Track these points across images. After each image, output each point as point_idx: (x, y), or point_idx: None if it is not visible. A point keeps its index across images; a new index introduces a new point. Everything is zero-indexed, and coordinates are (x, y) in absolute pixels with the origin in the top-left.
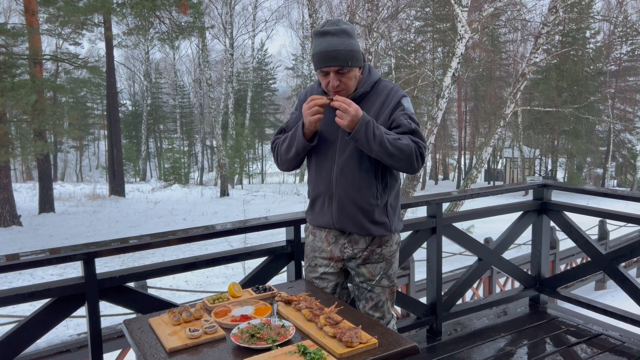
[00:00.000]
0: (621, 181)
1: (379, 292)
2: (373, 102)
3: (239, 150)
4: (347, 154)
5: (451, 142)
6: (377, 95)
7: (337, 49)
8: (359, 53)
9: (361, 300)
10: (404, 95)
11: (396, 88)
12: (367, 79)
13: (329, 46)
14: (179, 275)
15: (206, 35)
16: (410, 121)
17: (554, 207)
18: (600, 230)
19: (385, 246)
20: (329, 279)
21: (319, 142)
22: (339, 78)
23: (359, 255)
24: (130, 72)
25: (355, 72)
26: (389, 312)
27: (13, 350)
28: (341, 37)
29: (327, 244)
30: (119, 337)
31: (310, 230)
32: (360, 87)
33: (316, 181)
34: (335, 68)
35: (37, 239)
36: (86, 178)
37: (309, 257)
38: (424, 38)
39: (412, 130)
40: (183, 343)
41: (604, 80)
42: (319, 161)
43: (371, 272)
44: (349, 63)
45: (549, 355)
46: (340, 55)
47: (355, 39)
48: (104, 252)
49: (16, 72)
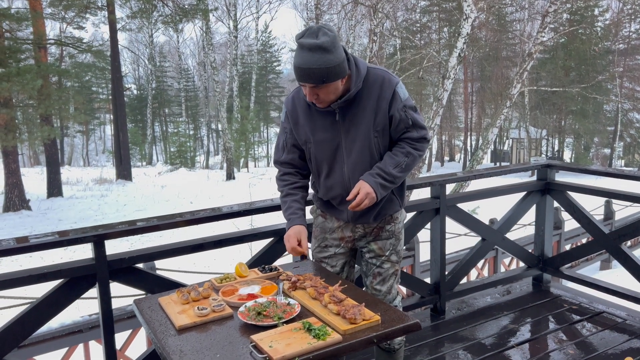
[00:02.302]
0: (629, 161)
1: (388, 267)
2: (368, 97)
3: (244, 134)
4: (355, 154)
5: (457, 123)
6: (370, 89)
7: (310, 67)
8: (337, 67)
9: (368, 276)
10: (397, 83)
11: (388, 77)
12: (357, 77)
13: (303, 63)
14: (186, 257)
15: (210, 17)
16: (407, 114)
17: (558, 187)
18: (606, 210)
19: (394, 223)
20: (339, 257)
21: (323, 149)
22: (316, 92)
23: (370, 233)
24: (135, 55)
25: (335, 85)
26: (394, 288)
27: (26, 330)
28: (316, 53)
29: (338, 225)
30: (129, 317)
31: (319, 213)
32: (353, 87)
33: (329, 185)
34: (309, 85)
35: (46, 222)
36: (93, 162)
37: (318, 238)
38: (430, 18)
39: (413, 124)
40: (192, 321)
41: (612, 59)
42: (328, 166)
43: (381, 248)
44: (322, 81)
45: (552, 332)
46: (313, 74)
47: (334, 52)
48: (113, 234)
49: (21, 57)
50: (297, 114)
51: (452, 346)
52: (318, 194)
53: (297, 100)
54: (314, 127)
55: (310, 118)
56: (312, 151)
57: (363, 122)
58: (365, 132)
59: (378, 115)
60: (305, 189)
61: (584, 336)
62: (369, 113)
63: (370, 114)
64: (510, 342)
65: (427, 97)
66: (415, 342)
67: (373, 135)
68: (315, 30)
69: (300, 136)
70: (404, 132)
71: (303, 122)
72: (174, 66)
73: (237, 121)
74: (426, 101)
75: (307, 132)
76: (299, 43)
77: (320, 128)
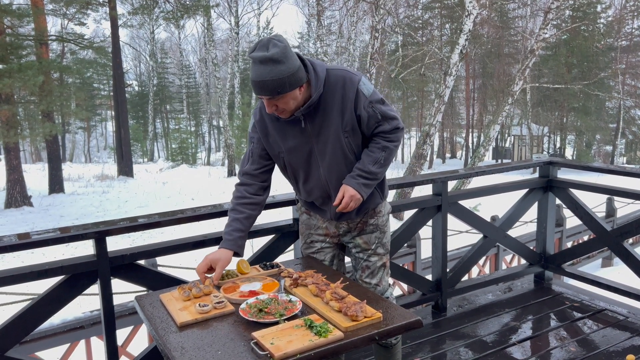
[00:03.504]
0: (630, 158)
1: (375, 260)
2: (332, 100)
3: (245, 130)
4: (328, 156)
5: (459, 120)
6: (333, 91)
7: (263, 79)
8: (291, 77)
9: (357, 270)
10: (359, 80)
11: (349, 76)
12: (317, 82)
13: (256, 77)
14: (188, 253)
15: (211, 13)
16: (374, 109)
17: (560, 184)
18: (608, 207)
19: (377, 216)
20: (326, 251)
21: (296, 157)
22: (274, 103)
23: (354, 228)
24: (136, 52)
25: (292, 94)
26: (385, 280)
27: (28, 327)
28: (267, 65)
29: (322, 222)
30: (130, 314)
31: (303, 210)
32: (314, 92)
33: (308, 189)
34: (265, 97)
35: (48, 219)
36: (94, 159)
37: (304, 234)
38: (432, 14)
39: (382, 117)
40: (193, 318)
41: (615, 56)
42: (304, 172)
43: (367, 242)
44: (277, 92)
45: (553, 330)
46: (266, 86)
47: (286, 63)
48: (115, 230)
49: (22, 53)
50: (265, 124)
51: (454, 343)
52: (302, 197)
53: (264, 110)
54: (284, 137)
55: (279, 128)
56: (286, 160)
57: (331, 124)
58: (335, 134)
59: (345, 115)
60: (256, 206)
61: (585, 334)
62: (335, 115)
63: (337, 115)
64: (511, 339)
65: (428, 93)
66: (417, 339)
67: (343, 136)
68: (265, 42)
69: (272, 147)
70: (376, 127)
71: (272, 132)
72: (176, 62)
73: (238, 118)
74: (428, 98)
75: (278, 142)
76: (250, 57)
77: (290, 136)
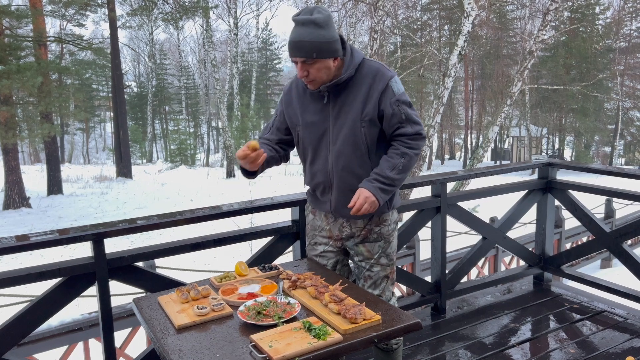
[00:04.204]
0: (629, 159)
1: (378, 271)
2: (360, 86)
3: (244, 131)
4: (341, 141)
5: (458, 122)
6: (362, 78)
7: (301, 40)
8: (329, 44)
9: (360, 278)
10: (391, 77)
11: (382, 70)
12: (350, 62)
13: (295, 37)
14: (186, 255)
15: (210, 15)
16: (400, 108)
17: (559, 185)
18: (607, 208)
19: (383, 225)
20: (329, 256)
21: (310, 134)
22: (307, 69)
23: (357, 234)
24: (135, 53)
25: (327, 64)
26: (388, 290)
27: (26, 328)
28: (309, 27)
29: (326, 223)
30: (128, 316)
31: (310, 210)
32: (344, 72)
33: (313, 171)
34: (300, 59)
35: (46, 220)
36: (93, 160)
37: (309, 235)
38: (431, 16)
39: (406, 119)
40: (191, 320)
41: (613, 57)
42: (314, 152)
43: (370, 250)
44: (313, 55)
45: (552, 331)
46: (304, 47)
47: (327, 29)
48: (113, 232)
49: (21, 54)
50: (291, 96)
51: (453, 345)
52: (305, 181)
53: (295, 84)
54: (305, 110)
55: (303, 101)
56: (300, 135)
57: (351, 110)
58: (352, 121)
59: (367, 105)
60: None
61: (584, 335)
62: (358, 102)
63: (360, 103)
64: (510, 341)
65: (427, 95)
66: (416, 341)
67: (360, 125)
68: (310, 8)
69: (291, 118)
70: (397, 128)
71: (295, 104)
72: (175, 64)
73: (237, 119)
74: (427, 99)
75: (297, 114)
76: (293, 20)
77: (310, 111)
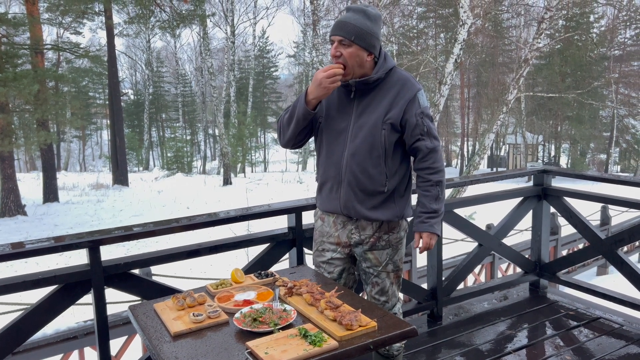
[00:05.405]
0: (625, 166)
1: (384, 278)
2: (387, 91)
3: (241, 139)
4: (359, 140)
5: (454, 129)
6: (391, 84)
7: (347, 21)
8: (370, 36)
9: (368, 284)
10: (419, 89)
11: (412, 81)
12: (382, 65)
13: (342, 18)
14: (183, 263)
15: (207, 23)
16: (424, 121)
17: (554, 192)
18: (603, 215)
19: (392, 233)
20: (336, 264)
21: (331, 127)
22: (341, 50)
23: (366, 241)
24: (132, 61)
25: (360, 53)
26: (395, 296)
27: (21, 337)
28: (358, 14)
29: (334, 229)
30: (124, 324)
31: (319, 216)
32: (375, 72)
33: (326, 165)
34: (338, 38)
35: (42, 228)
36: (89, 167)
37: (317, 241)
38: (426, 24)
39: (427, 132)
40: (187, 327)
41: (608, 65)
42: (330, 146)
43: (378, 258)
44: (352, 37)
45: (549, 338)
46: (346, 27)
47: (373, 23)
48: (109, 239)
49: (18, 62)
50: None
51: (449, 352)
52: (317, 176)
53: None
54: (330, 104)
55: (331, 95)
56: (322, 125)
57: (375, 111)
58: (374, 122)
59: (392, 110)
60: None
61: (581, 342)
62: (384, 105)
63: (385, 106)
64: (507, 348)
65: None
66: (412, 348)
67: (382, 127)
68: (364, 5)
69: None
70: (417, 140)
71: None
72: (171, 71)
73: (234, 126)
74: None
75: (323, 106)
76: (346, 8)
77: (334, 106)
